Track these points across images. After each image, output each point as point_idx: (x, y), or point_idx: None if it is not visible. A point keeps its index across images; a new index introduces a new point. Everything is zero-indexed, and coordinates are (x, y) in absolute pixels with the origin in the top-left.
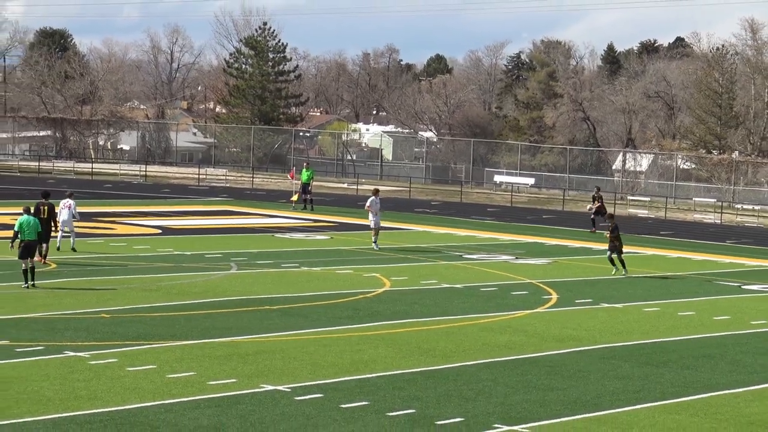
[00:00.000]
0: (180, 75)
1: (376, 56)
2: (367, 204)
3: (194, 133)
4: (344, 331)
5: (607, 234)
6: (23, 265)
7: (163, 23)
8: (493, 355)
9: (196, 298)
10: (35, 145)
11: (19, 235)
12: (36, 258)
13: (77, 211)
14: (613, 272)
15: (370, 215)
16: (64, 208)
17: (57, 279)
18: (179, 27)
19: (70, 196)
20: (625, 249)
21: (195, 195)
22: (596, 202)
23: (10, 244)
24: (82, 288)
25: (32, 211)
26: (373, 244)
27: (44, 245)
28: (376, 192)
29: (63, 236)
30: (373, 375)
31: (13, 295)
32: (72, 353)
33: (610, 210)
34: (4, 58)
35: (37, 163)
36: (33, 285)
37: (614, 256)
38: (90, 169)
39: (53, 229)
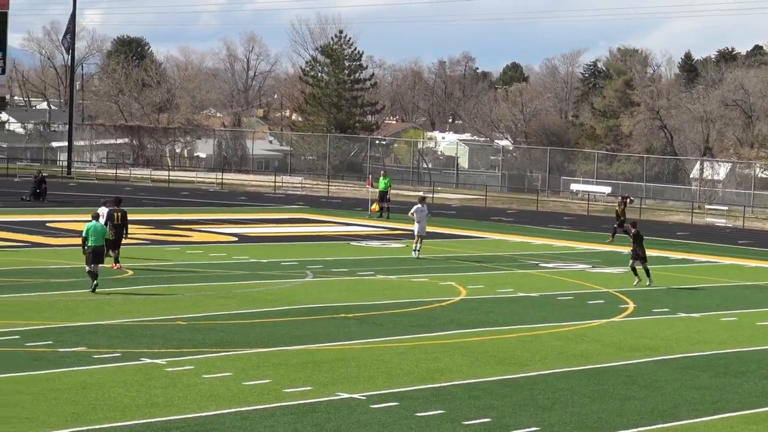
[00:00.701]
0: (256, 83)
1: (452, 64)
2: (411, 211)
3: (270, 141)
4: (420, 340)
5: (610, 240)
6: (87, 267)
7: (240, 31)
8: (569, 364)
9: (271, 305)
10: (112, 152)
11: (87, 241)
12: (112, 265)
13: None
14: (634, 283)
15: (415, 222)
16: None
17: (134, 286)
18: (256, 35)
19: (105, 204)
20: (703, 258)
21: (271, 203)
22: (622, 207)
23: (83, 250)
24: (159, 295)
25: (101, 215)
26: (414, 252)
27: (116, 251)
28: (422, 200)
29: None
30: (449, 384)
31: (92, 302)
32: (149, 360)
33: (685, 218)
34: (82, 67)
35: (114, 171)
36: (93, 290)
37: (638, 265)
38: (167, 177)
39: (125, 235)
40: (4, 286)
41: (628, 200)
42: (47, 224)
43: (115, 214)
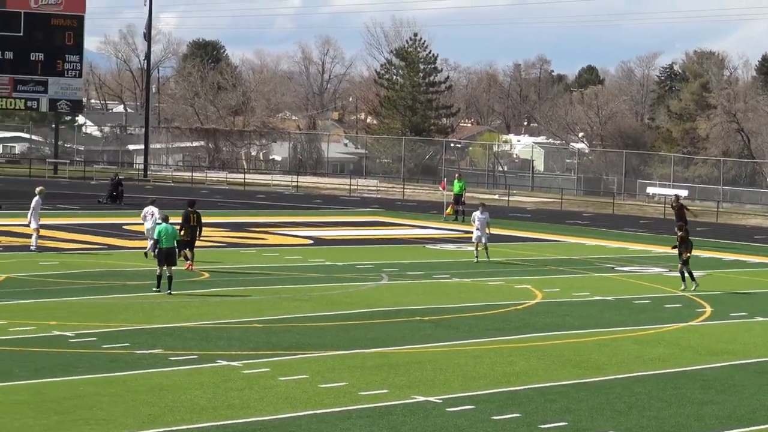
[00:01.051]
0: (331, 86)
1: (527, 67)
2: (471, 218)
3: (345, 144)
4: (495, 343)
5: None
6: (158, 270)
7: (315, 34)
8: (646, 368)
9: (347, 308)
10: (188, 155)
11: (158, 243)
12: (185, 267)
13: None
14: (681, 288)
15: (474, 229)
16: (148, 216)
17: (210, 288)
18: (330, 38)
19: (152, 203)
20: None
21: (346, 206)
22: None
23: (152, 252)
24: (235, 297)
25: (149, 214)
26: (475, 258)
27: (191, 252)
28: (481, 206)
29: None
30: (525, 387)
31: (168, 304)
32: (225, 362)
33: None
34: (158, 70)
35: (190, 174)
36: (170, 293)
37: (685, 270)
38: (242, 180)
39: (198, 236)
40: (81, 288)
41: (676, 198)
42: (124, 227)
43: (191, 215)
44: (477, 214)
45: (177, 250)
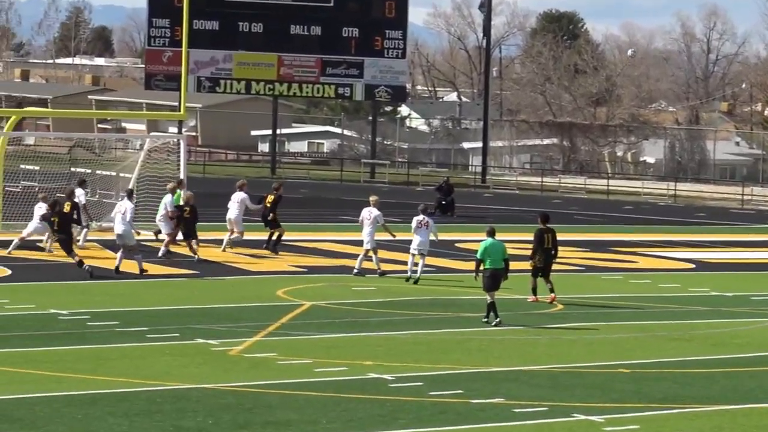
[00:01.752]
0: (719, 69)
1: None
2: None
3: (737, 143)
4: None
5: None
6: (488, 298)
7: (698, 4)
8: None
9: (738, 350)
10: (537, 155)
11: (483, 263)
12: (548, 299)
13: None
14: None
15: None
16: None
17: (564, 323)
18: (718, 8)
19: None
20: None
21: (738, 221)
22: None
23: (474, 275)
24: (595, 334)
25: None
26: None
27: (547, 281)
28: None
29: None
30: None
31: (511, 342)
32: (582, 416)
33: None
34: (500, 49)
35: (539, 179)
36: (499, 322)
37: None
38: (605, 187)
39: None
40: (403, 320)
41: None
42: (456, 244)
43: (545, 236)
44: None
45: (506, 270)
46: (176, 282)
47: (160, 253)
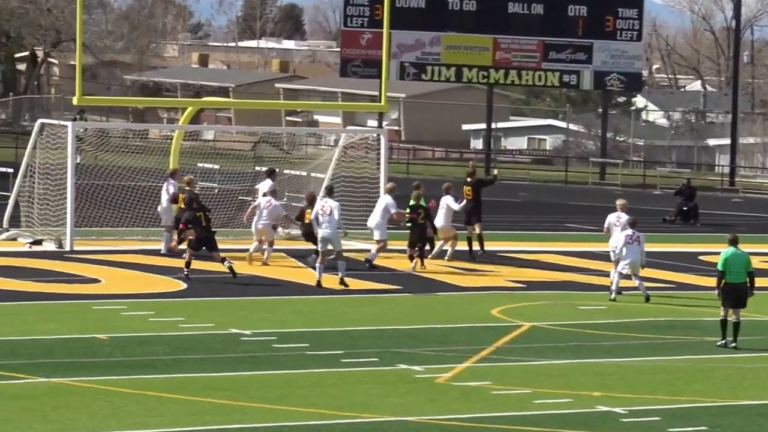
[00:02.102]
0: None
1: None
2: None
3: None
4: None
5: None
6: (722, 313)
7: None
8: None
9: None
10: None
11: (724, 276)
12: None
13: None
14: None
15: None
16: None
17: None
18: None
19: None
20: None
21: None
22: None
23: (717, 291)
24: None
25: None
26: None
27: None
28: None
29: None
30: None
31: (761, 370)
32: None
33: None
34: (752, 30)
35: None
36: (734, 347)
37: None
38: None
39: None
40: (637, 345)
41: None
42: (699, 257)
43: None
44: None
45: (751, 285)
46: (377, 299)
47: (366, 263)
